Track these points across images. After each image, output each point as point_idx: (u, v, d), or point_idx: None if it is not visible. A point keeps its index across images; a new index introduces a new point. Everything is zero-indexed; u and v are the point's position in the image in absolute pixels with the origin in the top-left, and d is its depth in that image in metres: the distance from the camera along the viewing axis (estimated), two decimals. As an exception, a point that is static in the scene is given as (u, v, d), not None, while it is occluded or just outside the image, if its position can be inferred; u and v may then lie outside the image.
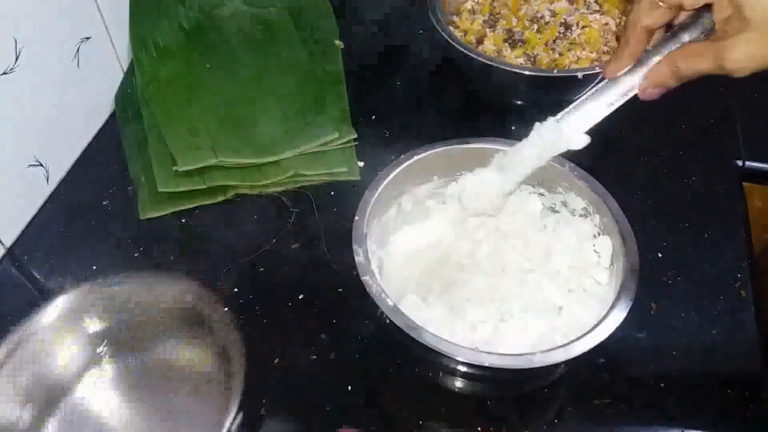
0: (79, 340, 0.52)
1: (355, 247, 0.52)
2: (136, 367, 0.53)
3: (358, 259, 0.51)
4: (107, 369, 0.53)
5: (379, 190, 0.57)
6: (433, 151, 0.59)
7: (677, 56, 0.43)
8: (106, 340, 0.53)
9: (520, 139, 0.55)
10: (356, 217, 0.54)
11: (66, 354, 0.52)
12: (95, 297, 0.53)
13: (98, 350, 0.53)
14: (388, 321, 0.47)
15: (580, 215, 0.57)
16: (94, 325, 0.53)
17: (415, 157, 0.59)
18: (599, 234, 0.55)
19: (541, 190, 0.59)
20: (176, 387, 0.52)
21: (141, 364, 0.53)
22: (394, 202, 0.59)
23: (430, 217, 0.60)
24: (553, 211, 0.59)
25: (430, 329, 0.46)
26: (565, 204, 0.58)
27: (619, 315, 0.47)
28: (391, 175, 0.57)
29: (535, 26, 0.77)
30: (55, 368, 0.51)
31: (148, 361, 0.53)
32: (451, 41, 0.71)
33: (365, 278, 0.50)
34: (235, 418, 0.46)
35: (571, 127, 0.50)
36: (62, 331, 0.52)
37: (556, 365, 0.47)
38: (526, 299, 0.54)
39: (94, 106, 0.74)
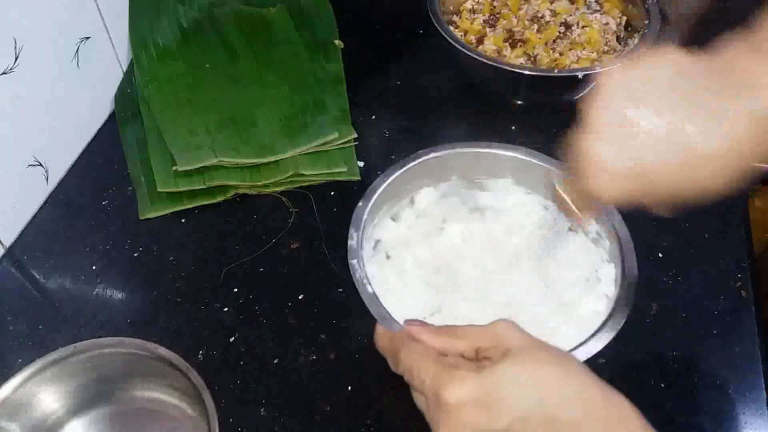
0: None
1: (351, 230, 0.52)
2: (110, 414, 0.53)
3: (351, 242, 0.51)
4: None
5: (392, 178, 0.56)
6: (455, 150, 0.58)
7: None
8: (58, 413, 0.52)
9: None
10: (360, 203, 0.54)
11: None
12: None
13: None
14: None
15: (593, 239, 0.56)
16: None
17: (433, 154, 0.58)
18: (606, 261, 0.54)
19: None
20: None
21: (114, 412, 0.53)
22: (407, 196, 0.59)
23: (442, 217, 0.59)
24: (571, 229, 0.58)
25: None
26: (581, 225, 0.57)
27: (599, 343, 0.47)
28: (407, 167, 0.57)
29: (536, 26, 0.77)
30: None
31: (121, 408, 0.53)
32: (451, 41, 0.71)
33: (353, 262, 0.50)
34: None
35: None
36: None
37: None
38: (518, 316, 0.53)
39: (93, 106, 0.74)
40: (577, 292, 0.54)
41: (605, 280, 0.53)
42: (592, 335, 0.47)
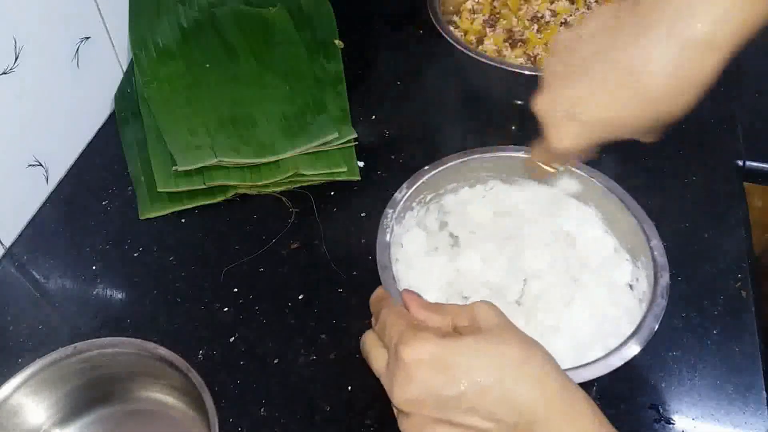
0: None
1: (403, 185, 0.54)
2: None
3: (397, 194, 0.54)
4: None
5: (473, 157, 0.57)
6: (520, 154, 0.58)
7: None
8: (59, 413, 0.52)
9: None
10: (426, 167, 0.56)
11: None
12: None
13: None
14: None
15: (629, 283, 0.54)
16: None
17: (496, 154, 0.58)
18: (639, 301, 0.52)
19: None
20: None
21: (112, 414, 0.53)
22: (483, 183, 0.59)
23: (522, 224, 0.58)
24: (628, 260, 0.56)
25: None
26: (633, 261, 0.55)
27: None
28: (497, 154, 0.58)
29: (536, 26, 0.77)
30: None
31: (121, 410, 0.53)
32: (451, 41, 0.71)
33: (388, 210, 0.52)
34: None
35: None
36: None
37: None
38: (543, 324, 0.52)
39: (93, 106, 0.74)
40: (594, 332, 0.52)
41: (625, 324, 0.51)
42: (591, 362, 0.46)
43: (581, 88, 0.41)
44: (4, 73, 0.60)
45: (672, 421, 0.50)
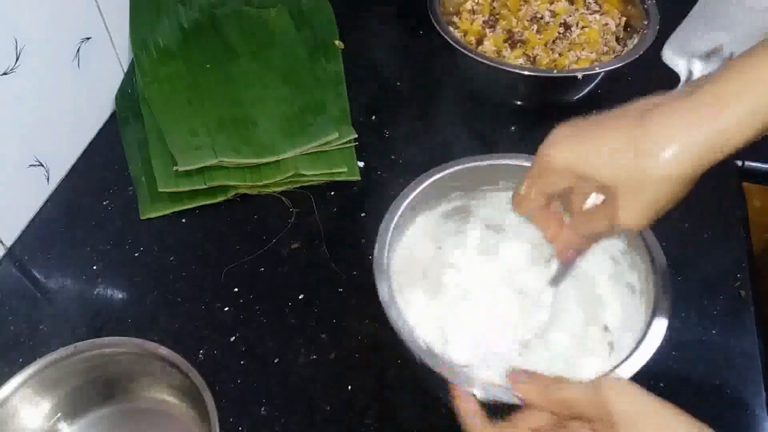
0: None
1: (375, 248, 0.49)
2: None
3: (378, 263, 0.48)
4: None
5: (428, 183, 0.53)
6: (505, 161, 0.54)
7: (576, 223, 0.45)
8: (59, 413, 0.52)
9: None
10: (386, 214, 0.51)
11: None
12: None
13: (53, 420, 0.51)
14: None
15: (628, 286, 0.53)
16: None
17: (485, 162, 0.54)
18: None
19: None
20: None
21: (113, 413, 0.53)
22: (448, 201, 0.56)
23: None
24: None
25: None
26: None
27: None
28: (446, 172, 0.54)
29: (535, 26, 0.77)
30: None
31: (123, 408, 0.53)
32: (451, 41, 0.71)
33: (383, 292, 0.46)
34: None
35: None
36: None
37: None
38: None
39: (94, 106, 0.74)
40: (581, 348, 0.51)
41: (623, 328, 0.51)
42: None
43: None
44: (5, 73, 0.60)
45: (672, 421, 0.50)
